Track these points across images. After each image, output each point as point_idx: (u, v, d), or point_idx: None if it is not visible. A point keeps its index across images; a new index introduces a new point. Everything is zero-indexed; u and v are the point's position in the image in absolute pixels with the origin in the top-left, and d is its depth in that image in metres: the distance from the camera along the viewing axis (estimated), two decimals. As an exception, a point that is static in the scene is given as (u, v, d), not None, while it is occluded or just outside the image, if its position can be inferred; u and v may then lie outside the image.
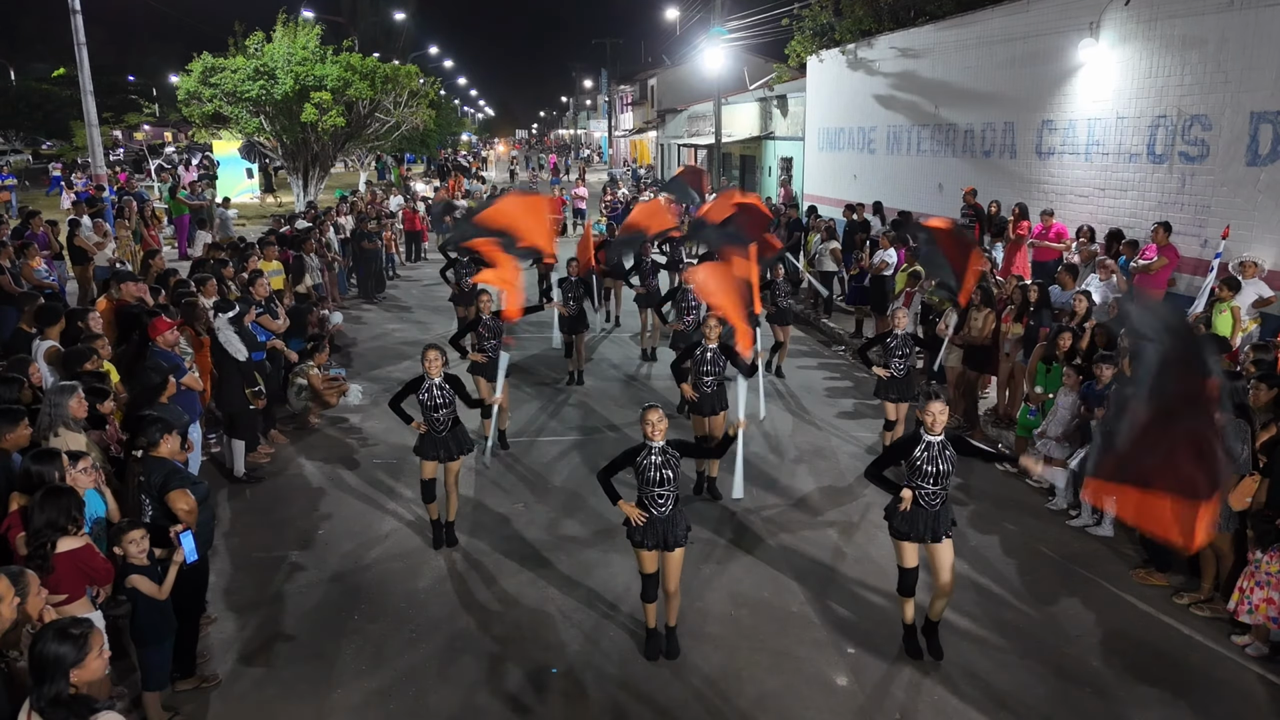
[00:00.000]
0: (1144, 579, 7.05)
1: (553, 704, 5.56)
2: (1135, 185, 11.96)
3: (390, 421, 10.16)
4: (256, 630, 6.30)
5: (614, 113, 68.00)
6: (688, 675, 5.83)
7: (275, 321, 10.02)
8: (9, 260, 11.66)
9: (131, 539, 4.87)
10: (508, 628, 6.36)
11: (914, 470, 5.73)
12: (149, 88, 72.15)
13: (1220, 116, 10.48)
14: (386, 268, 19.72)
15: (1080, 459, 7.69)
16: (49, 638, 3.25)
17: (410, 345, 13.94)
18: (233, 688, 5.65)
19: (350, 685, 5.70)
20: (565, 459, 9.47)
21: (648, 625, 6.06)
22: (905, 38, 17.93)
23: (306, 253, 14.30)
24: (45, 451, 5.10)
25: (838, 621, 6.45)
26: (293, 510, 8.24)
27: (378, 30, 53.61)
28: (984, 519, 8.12)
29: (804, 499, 8.53)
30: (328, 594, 6.80)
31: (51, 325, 7.68)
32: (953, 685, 5.72)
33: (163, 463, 5.58)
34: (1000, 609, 6.63)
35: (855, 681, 5.77)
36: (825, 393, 11.90)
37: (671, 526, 5.75)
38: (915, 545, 5.83)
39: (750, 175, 31.01)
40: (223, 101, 22.18)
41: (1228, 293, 8.82)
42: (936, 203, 16.74)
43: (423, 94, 26.10)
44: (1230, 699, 5.65)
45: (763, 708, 5.52)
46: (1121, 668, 5.94)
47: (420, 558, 7.36)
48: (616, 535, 7.62)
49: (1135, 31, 11.78)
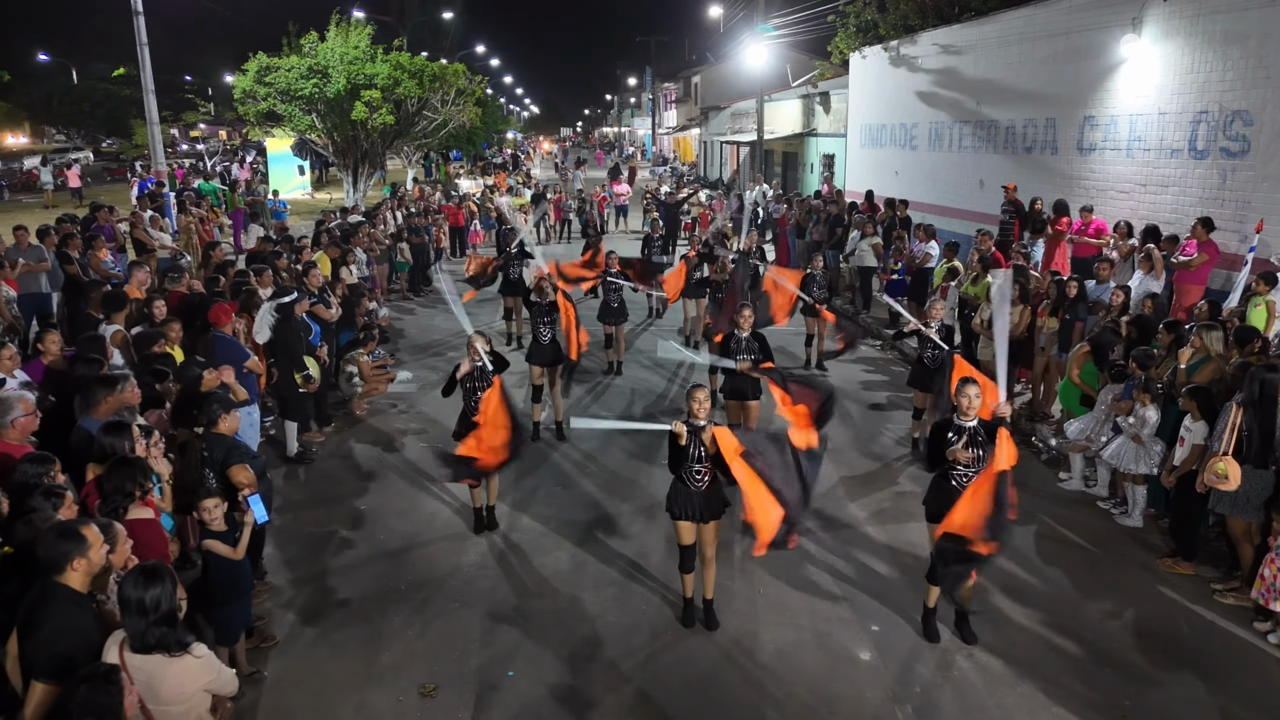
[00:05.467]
0: (1170, 568, 7.15)
1: (590, 670, 5.85)
2: (1176, 181, 11.94)
3: (437, 407, 10.60)
4: (310, 598, 6.68)
5: (658, 110, 68.21)
6: (718, 644, 6.09)
7: (328, 311, 10.44)
8: (78, 252, 12.26)
9: (207, 507, 5.25)
10: (546, 599, 6.68)
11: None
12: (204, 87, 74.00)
13: (1262, 112, 10.45)
14: (435, 262, 20.18)
15: (1110, 451, 7.84)
16: (130, 578, 3.63)
17: (456, 336, 14.35)
18: (289, 648, 6.04)
19: (396, 648, 6.05)
20: (603, 444, 9.76)
21: (684, 595, 6.36)
22: (947, 34, 17.95)
23: (355, 246, 14.76)
24: (116, 424, 5.49)
25: (863, 601, 6.66)
26: (343, 489, 8.64)
27: (425, 29, 54.36)
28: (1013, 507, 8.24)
29: (835, 486, 8.73)
30: (376, 567, 7.17)
31: (118, 311, 8.14)
32: (974, 662, 5.91)
33: (223, 439, 5.98)
34: (1025, 592, 6.79)
35: (879, 657, 5.98)
36: (861, 385, 12.06)
37: (708, 502, 6.02)
38: (947, 528, 6.01)
39: (792, 172, 31.11)
40: (277, 100, 22.81)
41: (1263, 287, 8.83)
42: (978, 199, 16.77)
43: (469, 92, 26.56)
44: (1248, 681, 5.76)
45: (790, 677, 5.76)
46: (1143, 650, 6.07)
47: (464, 536, 7.70)
48: (653, 514, 7.93)
49: (1178, 27, 11.76)
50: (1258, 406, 6.49)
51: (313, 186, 35.13)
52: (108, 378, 6.07)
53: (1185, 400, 7.02)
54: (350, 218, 17.97)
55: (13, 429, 5.35)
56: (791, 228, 18.90)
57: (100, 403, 5.86)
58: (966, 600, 6.18)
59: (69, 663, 3.46)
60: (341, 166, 25.43)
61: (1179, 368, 7.65)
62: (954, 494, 5.85)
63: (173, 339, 7.89)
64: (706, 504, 6.04)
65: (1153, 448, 7.50)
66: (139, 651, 3.57)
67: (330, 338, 10.67)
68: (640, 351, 13.66)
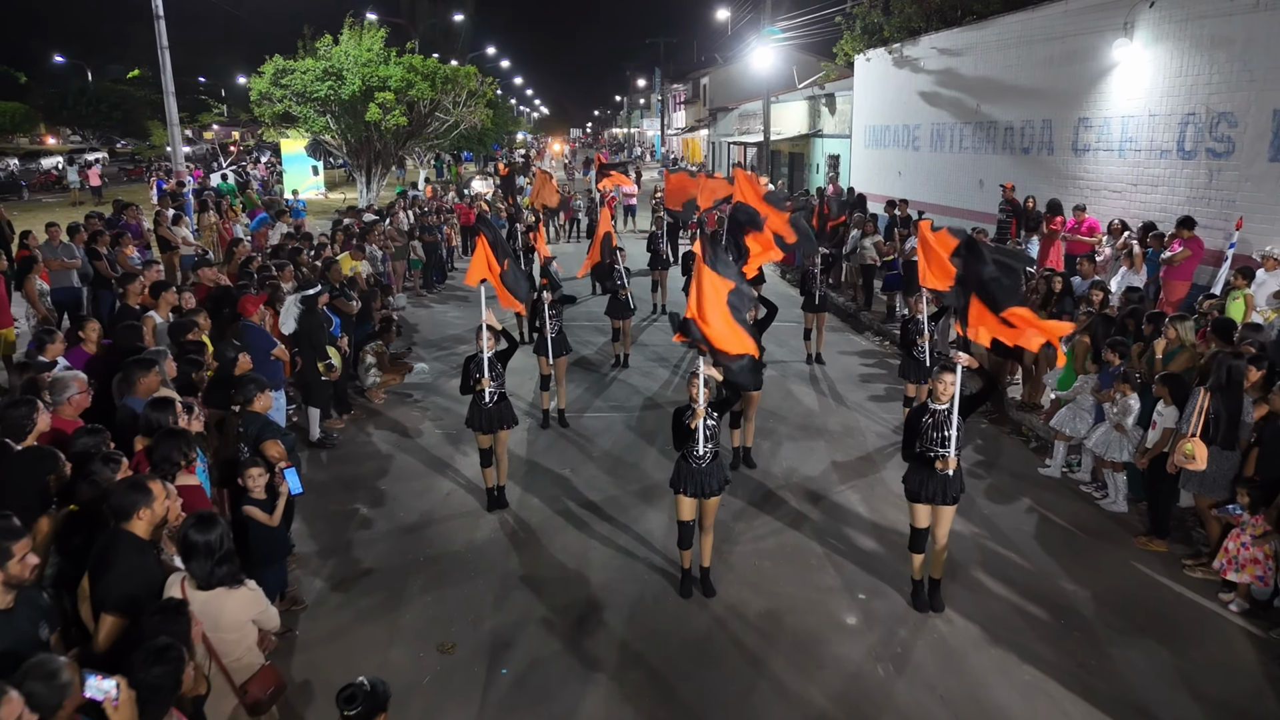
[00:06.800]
0: (1144, 545, 7.57)
1: (595, 632, 6.31)
2: (1165, 180, 12.34)
3: (451, 397, 11.11)
4: (335, 567, 7.18)
5: (667, 111, 68.69)
6: (713, 611, 6.55)
7: (350, 304, 10.94)
8: (106, 248, 12.79)
9: (252, 475, 5.73)
10: (555, 569, 7.16)
11: (923, 436, 6.36)
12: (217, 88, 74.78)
13: (1245, 114, 10.85)
14: (447, 260, 20.74)
15: (1095, 438, 8.26)
16: (188, 525, 4.13)
17: (471, 331, 14.81)
18: (318, 611, 6.53)
19: (416, 611, 6.54)
20: (610, 431, 10.24)
21: (682, 567, 6.83)
22: (948, 37, 18.37)
23: (370, 243, 15.28)
24: (161, 399, 5.97)
25: (851, 573, 7.11)
26: (363, 471, 9.14)
27: (436, 31, 54.98)
28: (1000, 491, 8.70)
29: (829, 470, 9.17)
30: (395, 540, 7.66)
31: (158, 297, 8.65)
32: (951, 626, 6.36)
33: (257, 416, 6.47)
34: (1004, 567, 7.22)
35: (864, 622, 6.43)
36: (860, 378, 12.49)
37: (708, 478, 6.48)
38: (926, 507, 6.45)
39: (799, 172, 31.51)
40: (292, 101, 23.33)
41: (1241, 281, 9.24)
42: (977, 198, 17.18)
43: (480, 94, 27.04)
44: (1210, 646, 6.19)
45: (779, 638, 6.22)
46: (1111, 617, 6.50)
47: (477, 514, 8.18)
48: (655, 496, 8.40)
49: (1167, 31, 12.16)
50: (1225, 391, 6.90)
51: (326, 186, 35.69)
52: (144, 360, 6.55)
53: (1158, 387, 7.44)
54: (365, 216, 18.50)
55: (68, 405, 5.84)
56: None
57: (138, 382, 6.34)
58: (938, 569, 6.61)
59: (135, 599, 3.94)
60: (355, 167, 25.95)
61: (1156, 357, 8.09)
62: (930, 473, 6.29)
63: (203, 327, 8.38)
64: (708, 480, 6.50)
65: (1134, 435, 7.91)
66: (205, 589, 4.06)
67: (350, 330, 11.17)
68: (645, 345, 14.11)
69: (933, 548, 6.54)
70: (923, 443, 6.34)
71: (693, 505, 6.61)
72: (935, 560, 6.57)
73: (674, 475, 6.63)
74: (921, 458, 6.33)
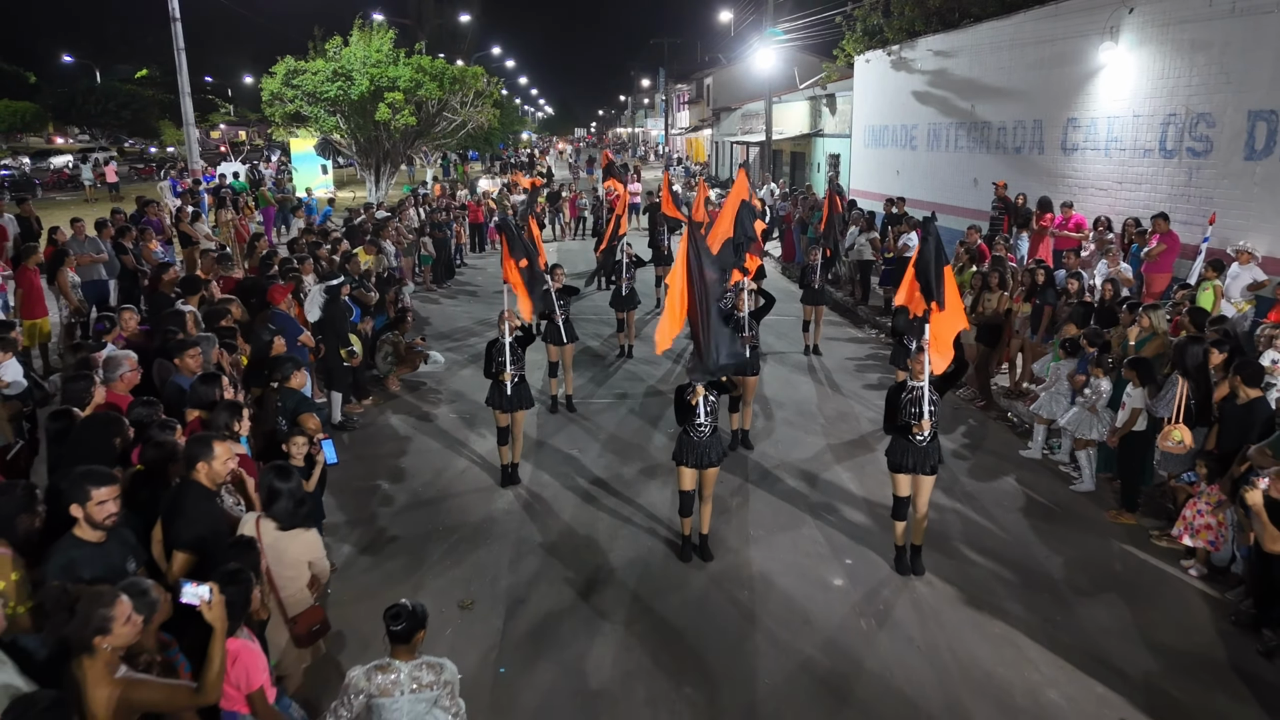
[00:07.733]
0: (1115, 518, 8.11)
1: (601, 591, 6.87)
2: (1148, 179, 12.86)
3: (465, 384, 11.67)
4: (361, 535, 7.75)
5: (670, 111, 69.23)
6: (711, 572, 7.11)
7: (369, 295, 11.52)
8: (131, 242, 13.37)
9: (297, 443, 6.27)
10: (565, 537, 7.73)
11: (902, 410, 6.91)
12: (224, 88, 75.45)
13: (1223, 115, 11.36)
14: (455, 256, 21.31)
15: (1069, 417, 8.80)
16: (271, 474, 4.72)
17: (480, 324, 15.43)
18: (347, 573, 7.10)
19: (438, 573, 7.11)
20: (616, 416, 10.81)
21: (683, 534, 7.39)
22: (944, 40, 18.89)
23: (383, 239, 15.84)
24: (208, 375, 6.53)
25: (840, 541, 7.67)
26: (383, 450, 9.71)
27: (443, 32, 55.56)
28: (983, 470, 9.24)
29: (823, 451, 9.72)
30: (416, 512, 8.23)
31: (193, 294, 9.22)
32: (931, 588, 6.91)
33: (294, 392, 7.03)
34: (982, 537, 7.77)
35: (850, 584, 6.98)
36: (855, 368, 13.03)
37: (708, 449, 7.04)
38: (908, 476, 7.00)
39: (800, 171, 32.04)
40: (303, 102, 23.92)
41: (1212, 273, 9.77)
42: (971, 196, 17.71)
43: (487, 94, 27.58)
44: (1169, 606, 6.73)
45: (771, 598, 6.77)
46: (1078, 580, 7.05)
47: (492, 489, 8.75)
48: (658, 474, 8.95)
49: (1150, 35, 12.67)
50: (1194, 375, 7.44)
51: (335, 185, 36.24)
52: (186, 341, 7.11)
53: (1126, 370, 7.98)
54: (377, 213, 19.09)
55: (121, 382, 6.42)
56: (796, 224, 19.89)
57: (185, 361, 6.90)
58: (918, 536, 7.16)
59: (202, 539, 4.51)
60: (364, 166, 26.53)
61: (1129, 344, 8.63)
62: (910, 445, 6.83)
63: (235, 315, 8.93)
64: (707, 452, 7.06)
65: (1105, 416, 8.44)
66: (287, 529, 4.66)
67: (368, 319, 11.72)
68: (649, 337, 14.65)
69: (914, 516, 7.09)
70: (902, 416, 6.89)
71: (693, 475, 7.16)
72: (916, 528, 7.12)
73: (676, 448, 7.19)
74: (903, 430, 6.87)
